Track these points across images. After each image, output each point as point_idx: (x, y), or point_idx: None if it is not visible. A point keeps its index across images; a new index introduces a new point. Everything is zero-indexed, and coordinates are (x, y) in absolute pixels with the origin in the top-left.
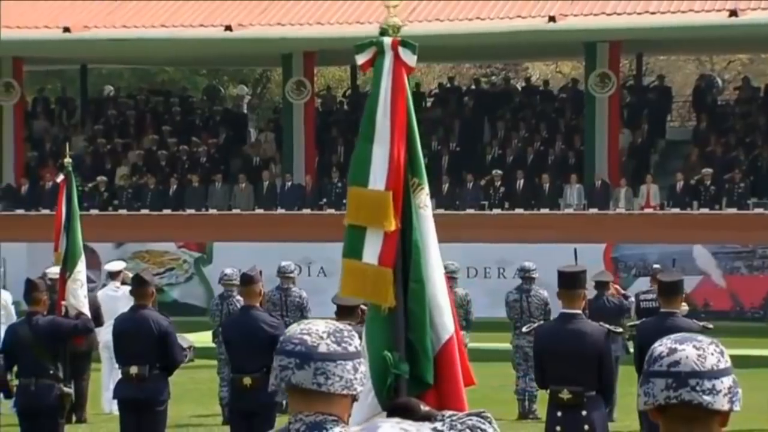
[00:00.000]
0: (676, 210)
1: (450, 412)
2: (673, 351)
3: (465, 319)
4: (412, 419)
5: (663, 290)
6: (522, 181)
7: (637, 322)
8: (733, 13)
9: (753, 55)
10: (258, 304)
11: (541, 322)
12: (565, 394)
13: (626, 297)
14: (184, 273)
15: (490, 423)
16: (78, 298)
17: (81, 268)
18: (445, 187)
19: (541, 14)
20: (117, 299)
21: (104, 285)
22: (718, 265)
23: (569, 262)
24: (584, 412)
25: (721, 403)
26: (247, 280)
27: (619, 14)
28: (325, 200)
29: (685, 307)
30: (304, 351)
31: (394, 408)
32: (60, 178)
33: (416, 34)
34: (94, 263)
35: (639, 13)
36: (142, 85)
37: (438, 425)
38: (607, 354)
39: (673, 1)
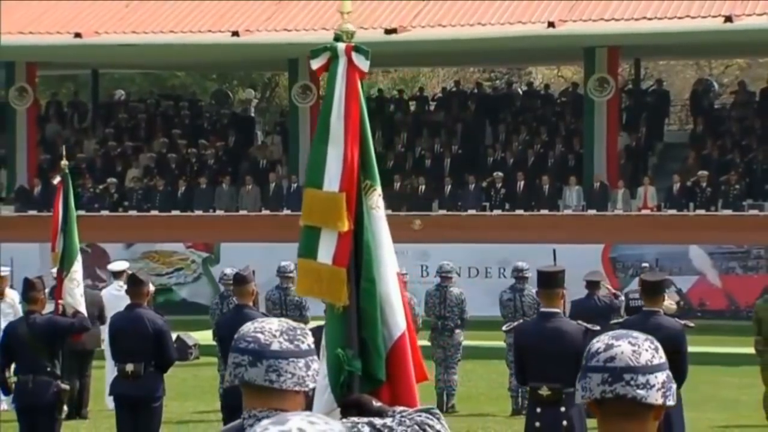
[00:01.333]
0: (673, 211)
1: (401, 408)
2: (609, 347)
3: (460, 318)
4: (365, 415)
5: (646, 289)
6: (522, 183)
7: (620, 320)
8: (728, 19)
9: (750, 60)
10: (251, 303)
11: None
12: (544, 391)
13: (617, 296)
14: (192, 273)
15: (438, 419)
16: (75, 297)
17: (77, 268)
18: (448, 188)
19: (541, 20)
20: (121, 298)
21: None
22: (713, 265)
23: (569, 262)
24: (563, 409)
25: (655, 398)
26: (240, 280)
27: (617, 20)
28: None
29: (673, 306)
30: (257, 349)
31: (347, 404)
32: (57, 180)
33: (420, 39)
34: (104, 263)
35: (636, 19)
36: (152, 90)
37: (388, 421)
38: (583, 352)
39: (670, 7)
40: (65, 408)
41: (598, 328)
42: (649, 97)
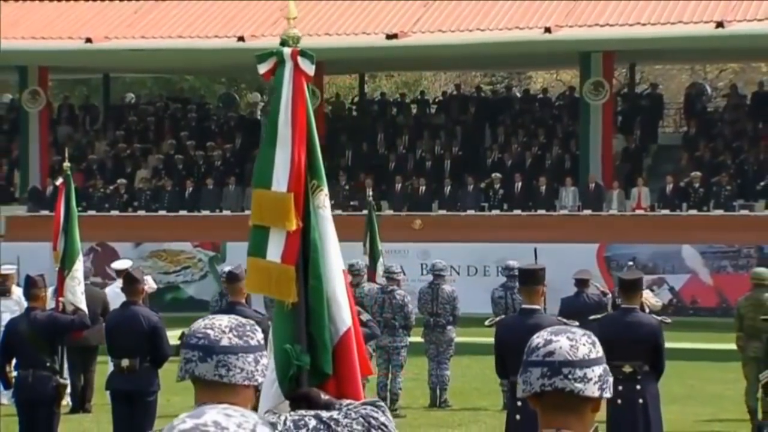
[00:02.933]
0: (666, 211)
1: (347, 401)
2: (548, 342)
3: (452, 315)
4: (313, 408)
5: (623, 287)
6: (520, 184)
7: (599, 316)
8: (720, 24)
9: (744, 64)
10: (243, 301)
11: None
12: None
13: (605, 294)
14: (199, 271)
15: (383, 412)
16: (76, 295)
17: (78, 267)
18: (447, 189)
19: (538, 25)
20: (123, 296)
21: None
22: (705, 264)
23: (565, 261)
24: None
25: (592, 391)
26: (233, 278)
27: (611, 26)
28: (333, 202)
29: (659, 303)
30: (207, 344)
31: (296, 397)
32: (59, 181)
33: (420, 44)
34: (113, 262)
35: (631, 25)
36: (161, 93)
37: (334, 413)
38: None
39: (664, 12)
40: (69, 402)
41: (576, 324)
42: (644, 101)
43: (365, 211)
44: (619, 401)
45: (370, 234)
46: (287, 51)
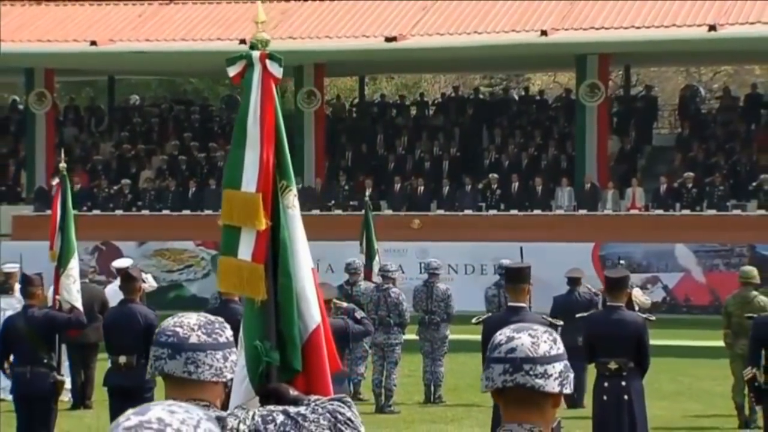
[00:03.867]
0: (660, 211)
1: (315, 397)
2: (510, 339)
3: (446, 313)
4: (282, 403)
5: (609, 285)
6: (517, 184)
7: (585, 314)
8: (713, 27)
9: (737, 66)
10: (237, 299)
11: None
12: None
13: (597, 294)
14: (201, 269)
15: (349, 407)
16: (71, 293)
17: (74, 265)
18: (446, 189)
19: (534, 28)
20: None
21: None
22: (698, 262)
23: (560, 260)
24: None
25: (552, 386)
26: None
27: (607, 29)
28: (333, 202)
29: (648, 301)
30: (176, 342)
31: (265, 393)
32: (55, 181)
33: (418, 47)
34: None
35: (626, 28)
36: (165, 95)
37: (302, 409)
38: None
39: (658, 16)
40: (69, 398)
41: (561, 323)
42: (638, 103)
43: (363, 211)
44: (605, 397)
45: (367, 233)
46: (256, 54)
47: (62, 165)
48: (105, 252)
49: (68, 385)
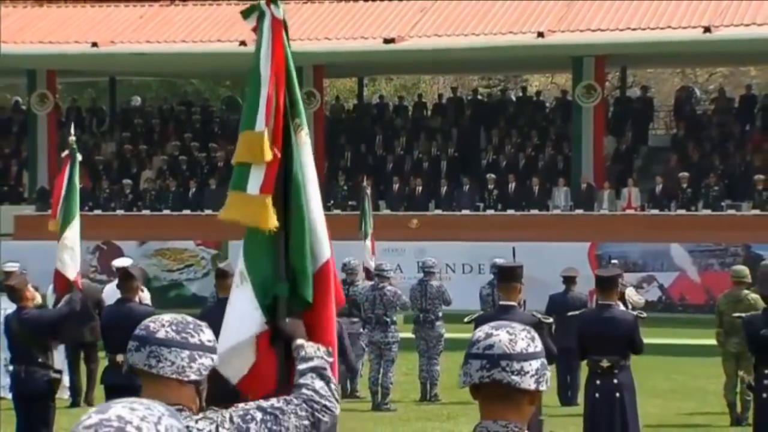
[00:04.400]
0: (655, 211)
1: (311, 347)
2: (488, 336)
3: (442, 304)
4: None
5: (600, 284)
6: (514, 184)
7: (577, 312)
8: (707, 29)
9: (732, 68)
10: None
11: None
12: None
13: (592, 294)
14: (201, 269)
15: (327, 383)
16: (64, 262)
17: (70, 235)
18: (443, 189)
19: (531, 30)
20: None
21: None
22: (693, 262)
23: (557, 259)
24: None
25: (528, 383)
26: (221, 275)
27: (603, 30)
28: (332, 201)
29: (641, 301)
30: (144, 335)
31: (278, 333)
32: (65, 153)
33: (416, 49)
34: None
35: (621, 30)
36: (166, 96)
37: (275, 401)
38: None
39: (653, 17)
40: (68, 396)
41: (551, 320)
42: (634, 104)
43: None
44: (597, 395)
45: (363, 215)
46: (263, 3)
47: (72, 138)
48: (106, 251)
49: (66, 383)
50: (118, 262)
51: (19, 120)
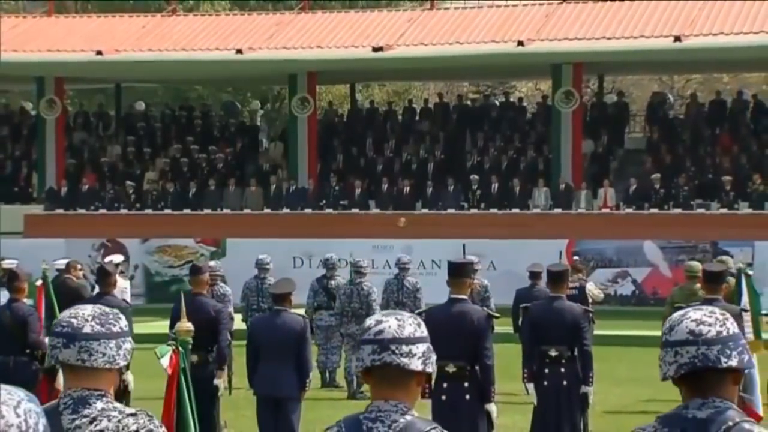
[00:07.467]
0: (630, 210)
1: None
2: (379, 322)
3: (415, 305)
4: None
5: (551, 278)
6: (497, 185)
7: (529, 305)
8: (678, 38)
9: (707, 75)
10: (204, 292)
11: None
12: (450, 368)
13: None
14: None
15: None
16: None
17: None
18: (430, 189)
19: (512, 39)
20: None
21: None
22: (665, 258)
23: (537, 256)
24: (466, 384)
25: (416, 365)
26: (195, 271)
27: (580, 39)
28: (324, 202)
29: (601, 295)
30: (70, 332)
31: None
32: (39, 282)
33: (404, 57)
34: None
35: (597, 39)
36: (167, 101)
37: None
38: (485, 334)
39: (627, 27)
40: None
41: (498, 315)
42: (610, 109)
43: (354, 210)
44: (545, 383)
45: None
46: None
47: (44, 266)
48: (110, 248)
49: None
50: (108, 258)
51: (29, 124)
